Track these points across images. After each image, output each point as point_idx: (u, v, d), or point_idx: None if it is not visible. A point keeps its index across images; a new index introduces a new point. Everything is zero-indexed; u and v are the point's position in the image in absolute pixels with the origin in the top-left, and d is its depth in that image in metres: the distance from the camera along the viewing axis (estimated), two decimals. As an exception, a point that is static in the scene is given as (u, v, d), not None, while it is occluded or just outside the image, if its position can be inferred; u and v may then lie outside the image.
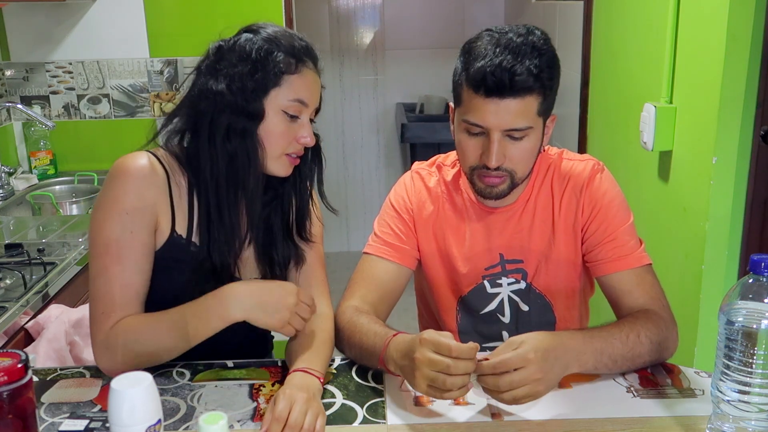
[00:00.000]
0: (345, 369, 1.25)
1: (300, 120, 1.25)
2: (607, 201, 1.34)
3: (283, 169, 1.27)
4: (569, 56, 2.74)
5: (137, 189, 1.20)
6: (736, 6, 1.59)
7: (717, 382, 0.98)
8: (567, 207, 1.36)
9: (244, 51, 1.21)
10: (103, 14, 2.61)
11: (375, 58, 4.21)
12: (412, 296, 1.62)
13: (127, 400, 0.90)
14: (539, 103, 1.23)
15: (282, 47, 1.22)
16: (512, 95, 1.20)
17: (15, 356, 0.92)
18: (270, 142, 1.23)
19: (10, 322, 1.55)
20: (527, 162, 1.29)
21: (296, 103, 1.23)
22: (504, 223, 1.39)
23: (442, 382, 1.02)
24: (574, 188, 1.35)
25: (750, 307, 0.94)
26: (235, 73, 1.20)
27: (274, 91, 1.21)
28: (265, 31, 1.24)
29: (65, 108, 2.75)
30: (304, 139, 1.25)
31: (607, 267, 1.32)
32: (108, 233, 1.19)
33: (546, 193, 1.38)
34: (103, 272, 1.20)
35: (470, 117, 1.24)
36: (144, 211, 1.21)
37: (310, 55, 1.26)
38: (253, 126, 1.21)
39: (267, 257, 1.33)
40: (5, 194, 2.43)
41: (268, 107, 1.22)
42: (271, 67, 1.20)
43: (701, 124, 1.74)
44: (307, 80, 1.25)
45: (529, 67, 1.19)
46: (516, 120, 1.22)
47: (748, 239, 1.71)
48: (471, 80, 1.22)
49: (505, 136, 1.24)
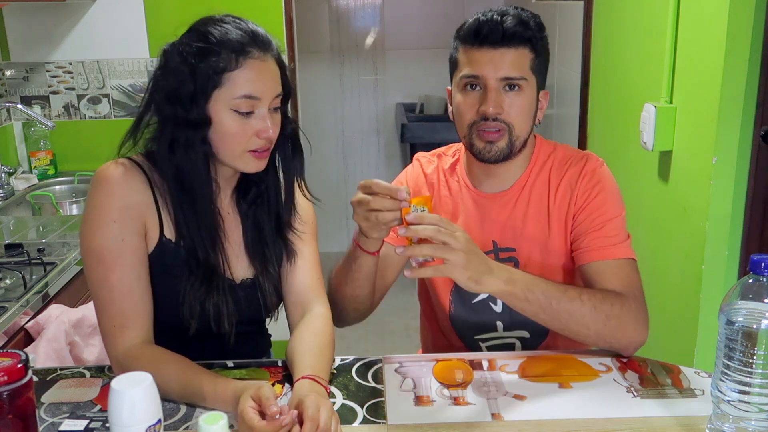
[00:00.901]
0: (345, 369, 1.25)
1: (255, 114, 1.19)
2: (600, 191, 1.34)
3: (251, 165, 1.22)
4: (569, 56, 2.74)
5: (120, 196, 1.19)
6: (736, 6, 1.59)
7: (717, 382, 0.98)
8: (562, 196, 1.36)
9: (180, 57, 1.17)
10: (103, 14, 2.61)
11: (375, 58, 4.21)
12: (412, 296, 1.62)
13: (127, 400, 0.90)
14: (531, 59, 1.30)
15: (218, 44, 1.16)
16: (504, 44, 1.28)
17: (15, 356, 0.92)
18: (225, 143, 1.19)
19: (10, 322, 1.55)
20: (524, 118, 1.32)
21: (244, 100, 1.17)
22: (499, 209, 1.39)
23: (374, 218, 1.14)
24: (571, 178, 1.36)
25: (750, 307, 0.94)
26: (172, 82, 1.18)
27: (216, 92, 1.16)
28: (204, 28, 1.19)
29: (65, 108, 2.75)
30: (264, 134, 1.19)
31: (589, 256, 1.32)
32: (99, 244, 1.18)
33: (543, 182, 1.38)
34: (103, 283, 1.18)
35: (466, 70, 1.30)
36: (131, 217, 1.19)
37: (255, 43, 1.18)
38: (197, 136, 1.18)
39: (259, 255, 1.31)
40: (5, 194, 2.43)
41: (214, 110, 1.17)
42: (207, 70, 1.15)
43: (701, 124, 1.74)
44: (254, 72, 1.17)
45: (519, 19, 1.28)
46: (510, 69, 1.28)
47: (748, 239, 1.71)
48: (464, 37, 1.31)
49: (502, 87, 1.29)
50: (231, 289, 1.27)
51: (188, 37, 1.20)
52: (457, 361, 1.28)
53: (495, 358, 1.28)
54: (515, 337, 1.43)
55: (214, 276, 1.24)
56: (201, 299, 1.23)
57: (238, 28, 1.19)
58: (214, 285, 1.24)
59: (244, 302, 1.30)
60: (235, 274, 1.30)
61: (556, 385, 1.18)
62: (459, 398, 1.15)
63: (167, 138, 1.19)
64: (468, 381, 1.21)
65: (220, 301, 1.24)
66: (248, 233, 1.31)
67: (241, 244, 1.32)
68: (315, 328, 1.25)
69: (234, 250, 1.30)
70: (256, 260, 1.31)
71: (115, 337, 1.18)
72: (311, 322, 1.26)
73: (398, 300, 3.83)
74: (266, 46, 1.20)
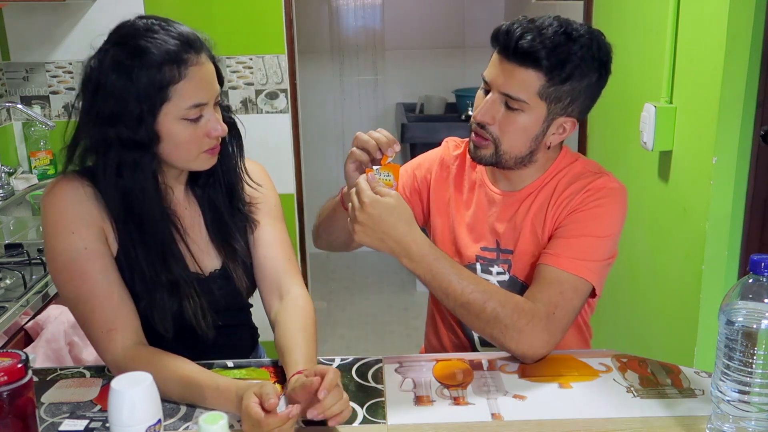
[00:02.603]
0: (345, 369, 1.25)
1: (205, 117, 1.19)
2: (597, 207, 1.29)
3: (206, 164, 1.24)
4: (569, 56, 2.74)
5: (73, 208, 1.19)
6: (736, 6, 1.59)
7: (717, 382, 0.98)
8: (561, 202, 1.33)
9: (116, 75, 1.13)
10: (103, 14, 2.61)
11: (375, 58, 4.21)
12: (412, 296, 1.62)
13: (127, 400, 0.90)
14: (542, 84, 1.23)
15: (157, 58, 1.13)
16: (515, 60, 1.23)
17: (15, 356, 0.92)
18: (179, 151, 1.20)
19: (10, 322, 1.55)
20: (515, 137, 1.29)
21: (194, 108, 1.17)
22: (505, 208, 1.39)
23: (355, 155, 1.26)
24: (576, 189, 1.32)
25: (750, 307, 0.94)
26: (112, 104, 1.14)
27: (164, 107, 1.15)
28: (135, 41, 1.14)
29: (65, 108, 2.75)
30: (215, 133, 1.21)
31: (545, 257, 1.29)
32: (63, 258, 1.18)
33: (548, 190, 1.36)
34: (79, 296, 1.18)
35: (485, 71, 1.30)
36: (88, 225, 1.19)
37: (190, 48, 1.16)
38: (146, 155, 1.17)
39: (224, 235, 1.32)
40: (5, 194, 2.43)
41: (164, 123, 1.16)
42: (152, 87, 1.13)
43: (701, 124, 1.74)
44: (197, 79, 1.17)
45: (544, 42, 1.21)
46: (512, 86, 1.25)
47: (748, 239, 1.71)
48: (492, 34, 1.27)
49: (503, 101, 1.27)
50: (201, 284, 1.28)
51: (120, 52, 1.14)
52: (457, 361, 1.28)
53: (495, 358, 1.28)
54: None
55: (177, 287, 1.23)
56: (173, 310, 1.23)
57: (170, 35, 1.16)
58: (183, 293, 1.23)
59: (217, 294, 1.30)
60: (204, 266, 1.30)
61: (556, 385, 1.18)
62: (459, 398, 1.15)
63: (113, 161, 1.17)
64: (468, 381, 1.21)
65: (194, 304, 1.24)
66: (208, 217, 1.32)
67: (205, 233, 1.32)
68: (296, 315, 1.26)
69: (199, 243, 1.31)
70: (222, 245, 1.32)
71: (106, 343, 1.17)
72: (291, 308, 1.27)
73: (398, 300, 3.85)
74: (200, 48, 1.19)
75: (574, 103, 1.28)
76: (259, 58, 2.59)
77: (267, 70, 2.60)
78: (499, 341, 1.23)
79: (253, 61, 2.59)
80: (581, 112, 1.31)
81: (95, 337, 1.18)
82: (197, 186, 1.33)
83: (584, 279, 1.26)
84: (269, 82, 2.62)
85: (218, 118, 1.22)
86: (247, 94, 2.63)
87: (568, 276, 1.25)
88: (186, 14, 2.57)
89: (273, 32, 2.57)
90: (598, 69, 1.26)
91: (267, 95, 2.63)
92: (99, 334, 1.17)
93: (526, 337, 1.21)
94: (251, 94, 2.63)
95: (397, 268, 3.62)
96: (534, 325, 1.21)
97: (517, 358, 1.25)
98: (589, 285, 1.27)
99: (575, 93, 1.26)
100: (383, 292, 3.76)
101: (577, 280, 1.26)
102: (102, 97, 1.15)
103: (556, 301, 1.23)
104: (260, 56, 2.58)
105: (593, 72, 1.26)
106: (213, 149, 1.23)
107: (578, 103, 1.29)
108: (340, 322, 3.51)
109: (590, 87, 1.28)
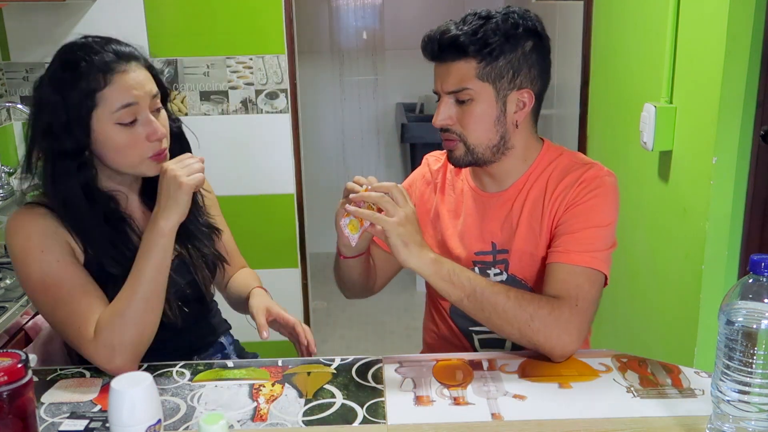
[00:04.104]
0: (345, 369, 1.25)
1: (139, 121, 1.24)
2: (593, 198, 1.31)
3: (153, 170, 1.28)
4: (569, 56, 2.74)
5: (37, 229, 1.24)
6: (736, 6, 1.59)
7: (717, 382, 0.98)
8: (556, 198, 1.34)
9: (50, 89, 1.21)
10: (103, 14, 2.61)
11: (375, 58, 4.21)
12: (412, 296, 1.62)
13: (127, 400, 0.90)
14: (477, 67, 1.28)
15: (84, 68, 1.20)
16: (444, 59, 1.30)
17: (15, 356, 0.92)
18: (120, 156, 1.25)
19: (10, 322, 1.55)
20: (477, 127, 1.32)
21: (124, 110, 1.22)
22: (497, 209, 1.40)
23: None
24: (569, 182, 1.33)
25: (750, 307, 0.94)
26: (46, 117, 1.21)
27: (94, 113, 1.21)
28: (67, 56, 1.23)
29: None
30: (153, 136, 1.24)
31: (554, 256, 1.30)
32: (37, 276, 1.22)
33: (541, 184, 1.37)
34: (57, 302, 1.22)
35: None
36: (55, 242, 1.23)
37: (118, 58, 1.23)
38: (73, 165, 1.23)
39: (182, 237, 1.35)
40: (5, 194, 2.43)
41: (98, 131, 1.22)
42: (79, 95, 1.20)
43: (701, 124, 1.74)
44: (123, 81, 1.22)
45: (462, 30, 1.27)
46: (452, 82, 1.30)
47: (748, 239, 1.71)
48: (422, 51, 1.34)
49: (453, 99, 1.31)
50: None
51: (54, 67, 1.24)
52: (457, 361, 1.28)
53: (495, 358, 1.28)
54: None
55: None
56: None
57: (101, 48, 1.23)
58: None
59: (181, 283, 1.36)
60: None
61: (556, 385, 1.18)
62: (459, 398, 1.15)
63: (48, 172, 1.24)
64: (468, 381, 1.21)
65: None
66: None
67: None
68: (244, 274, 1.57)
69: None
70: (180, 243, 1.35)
71: (83, 335, 1.20)
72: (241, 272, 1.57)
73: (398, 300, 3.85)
74: (129, 58, 1.24)
75: (520, 75, 1.31)
76: (259, 58, 2.59)
77: (267, 70, 2.60)
78: (528, 337, 1.23)
79: (253, 61, 2.59)
80: (533, 82, 1.33)
81: (73, 335, 1.21)
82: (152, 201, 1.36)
83: (596, 269, 1.28)
84: (269, 82, 2.62)
85: (156, 122, 1.25)
86: (247, 94, 2.63)
87: (581, 269, 1.27)
88: (186, 14, 2.58)
89: (273, 32, 2.57)
90: (528, 36, 1.30)
91: (267, 95, 2.64)
92: (77, 330, 1.20)
93: (554, 330, 1.22)
94: (251, 94, 2.63)
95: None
96: (559, 317, 1.22)
97: (546, 354, 1.25)
98: (602, 275, 1.29)
99: (515, 64, 1.30)
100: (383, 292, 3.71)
101: (590, 272, 1.28)
102: (40, 111, 1.23)
103: (576, 294, 1.25)
104: (260, 56, 2.58)
105: (523, 40, 1.30)
106: (158, 155, 1.27)
107: (524, 74, 1.31)
108: (340, 322, 3.51)
109: (528, 55, 1.31)
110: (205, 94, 2.62)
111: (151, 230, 1.22)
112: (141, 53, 1.28)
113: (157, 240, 1.21)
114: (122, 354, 1.19)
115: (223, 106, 2.63)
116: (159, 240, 1.21)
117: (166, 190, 1.21)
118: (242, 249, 1.62)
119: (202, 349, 1.46)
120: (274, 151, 2.67)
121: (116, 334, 1.18)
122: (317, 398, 1.16)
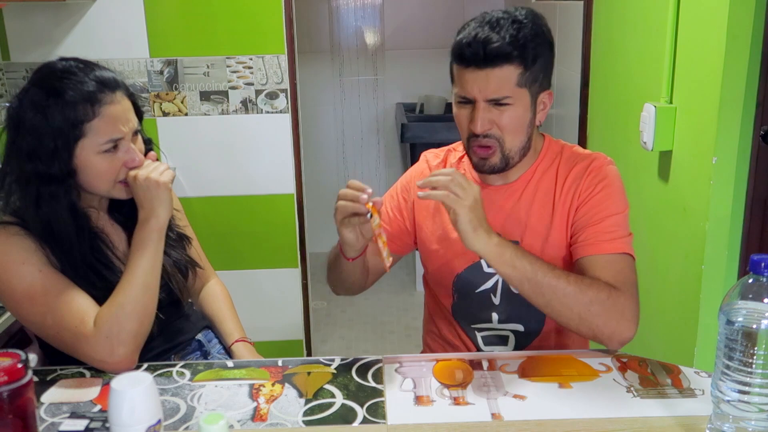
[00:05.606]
0: (345, 369, 1.25)
1: (121, 148, 1.27)
2: (604, 188, 1.35)
3: (124, 193, 1.31)
4: (569, 56, 2.74)
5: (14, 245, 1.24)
6: (736, 6, 1.59)
7: (717, 382, 0.98)
8: (568, 190, 1.37)
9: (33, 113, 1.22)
10: (103, 14, 2.61)
11: (375, 58, 4.21)
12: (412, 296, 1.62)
13: (127, 400, 0.90)
14: (519, 74, 1.28)
15: (72, 98, 1.22)
16: (487, 65, 1.27)
17: (15, 356, 0.92)
18: (98, 182, 1.28)
19: (10, 322, 1.55)
20: (515, 130, 1.32)
21: (109, 143, 1.25)
22: (504, 199, 1.41)
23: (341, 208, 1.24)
24: (578, 173, 1.37)
25: (750, 307, 0.94)
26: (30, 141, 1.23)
27: (80, 143, 1.24)
28: (51, 82, 1.24)
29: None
30: (131, 164, 1.28)
31: (585, 249, 1.32)
32: (22, 287, 1.23)
33: (551, 176, 1.39)
34: (47, 310, 1.23)
35: (457, 89, 1.33)
36: (34, 254, 1.25)
37: (105, 88, 1.26)
38: (61, 188, 1.24)
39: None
40: None
41: (82, 158, 1.25)
42: (66, 125, 1.22)
43: (701, 124, 1.74)
44: (111, 116, 1.26)
45: (504, 36, 1.26)
46: (494, 90, 1.28)
47: (748, 239, 1.71)
48: (453, 53, 1.31)
49: (490, 104, 1.30)
50: None
51: (38, 92, 1.24)
52: (457, 361, 1.28)
53: (495, 358, 1.28)
54: (509, 330, 1.44)
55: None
56: None
57: (87, 76, 1.25)
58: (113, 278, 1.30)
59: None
60: None
61: (556, 385, 1.18)
62: (459, 398, 1.15)
63: (32, 195, 1.24)
64: (468, 381, 1.21)
65: None
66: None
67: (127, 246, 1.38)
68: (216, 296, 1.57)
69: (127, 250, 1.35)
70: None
71: (80, 332, 1.21)
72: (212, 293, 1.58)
73: (398, 300, 3.85)
74: (115, 86, 1.27)
75: (546, 77, 1.35)
76: (259, 58, 2.59)
77: (267, 70, 2.60)
78: (587, 321, 1.22)
79: (253, 61, 2.59)
80: (550, 83, 1.37)
81: (70, 336, 1.22)
82: (120, 214, 1.39)
83: (627, 254, 1.31)
84: (269, 82, 2.61)
85: (135, 149, 1.29)
86: (247, 94, 2.63)
87: (613, 257, 1.30)
88: (186, 14, 2.58)
89: (273, 32, 2.57)
90: (549, 38, 1.34)
91: (267, 95, 2.63)
92: (73, 328, 1.21)
93: (614, 314, 1.23)
94: (251, 94, 2.63)
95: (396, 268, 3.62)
96: (617, 301, 1.23)
97: (604, 341, 1.25)
98: (631, 258, 1.32)
99: (544, 68, 1.33)
100: (383, 292, 3.76)
101: (623, 257, 1.31)
102: (21, 135, 1.24)
103: (622, 279, 1.27)
104: (260, 56, 2.58)
105: (548, 42, 1.33)
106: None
107: (547, 75, 1.35)
108: (340, 322, 3.51)
109: (549, 57, 1.34)
110: (205, 94, 2.62)
111: (142, 229, 1.27)
112: (121, 79, 1.31)
113: (150, 235, 1.26)
114: (125, 345, 1.21)
115: (223, 106, 2.63)
116: (152, 235, 1.27)
117: (144, 194, 1.26)
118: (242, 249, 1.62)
119: (179, 348, 1.46)
120: (274, 151, 2.67)
121: (119, 324, 1.21)
122: (317, 398, 1.16)
